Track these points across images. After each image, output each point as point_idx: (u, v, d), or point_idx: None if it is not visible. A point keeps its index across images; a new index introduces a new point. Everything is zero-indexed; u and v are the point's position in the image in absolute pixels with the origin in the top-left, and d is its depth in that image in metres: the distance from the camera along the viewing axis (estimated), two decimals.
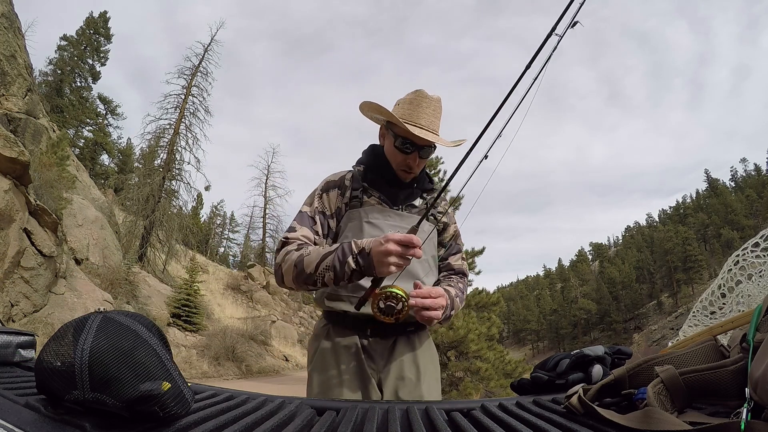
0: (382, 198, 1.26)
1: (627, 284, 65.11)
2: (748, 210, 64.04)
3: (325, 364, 1.16)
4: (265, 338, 14.48)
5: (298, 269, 1.05)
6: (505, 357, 10.47)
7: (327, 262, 1.02)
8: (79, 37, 26.01)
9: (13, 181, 5.40)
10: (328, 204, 1.23)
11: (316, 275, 1.03)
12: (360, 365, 1.13)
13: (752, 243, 1.50)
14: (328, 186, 1.26)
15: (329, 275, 1.02)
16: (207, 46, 18.39)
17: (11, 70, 8.12)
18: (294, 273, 1.06)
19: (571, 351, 0.87)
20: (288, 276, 1.08)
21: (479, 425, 0.59)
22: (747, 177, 74.13)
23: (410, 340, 1.20)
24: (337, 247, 1.04)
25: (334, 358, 1.15)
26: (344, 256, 1.01)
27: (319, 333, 1.23)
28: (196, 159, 17.35)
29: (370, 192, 1.26)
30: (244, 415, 0.59)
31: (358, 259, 1.00)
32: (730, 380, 0.52)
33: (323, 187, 1.26)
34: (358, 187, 1.25)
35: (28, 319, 5.69)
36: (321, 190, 1.25)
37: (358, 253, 1.00)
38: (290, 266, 1.06)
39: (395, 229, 1.17)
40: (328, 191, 1.25)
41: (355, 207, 1.23)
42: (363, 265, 0.99)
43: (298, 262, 1.05)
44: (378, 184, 1.27)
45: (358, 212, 1.22)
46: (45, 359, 0.48)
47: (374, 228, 1.19)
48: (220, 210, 45.32)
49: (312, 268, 1.03)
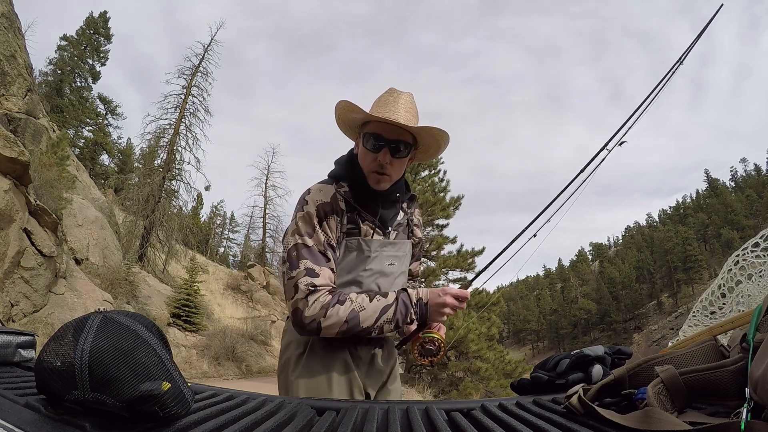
0: (376, 224, 1.15)
1: (627, 284, 65.13)
2: (748, 210, 64.05)
3: (312, 373, 1.11)
4: (265, 338, 14.47)
5: (350, 324, 1.02)
6: (505, 357, 10.48)
7: (388, 316, 1.05)
8: (79, 37, 26.02)
9: (13, 181, 5.40)
10: (331, 234, 1.09)
11: (373, 327, 1.05)
12: (350, 372, 1.12)
13: (752, 243, 1.50)
14: (325, 211, 1.09)
15: (388, 327, 1.06)
16: (207, 46, 18.39)
17: (11, 70, 8.12)
18: (343, 328, 1.02)
19: (571, 351, 0.87)
20: (331, 330, 1.02)
21: (479, 425, 0.59)
22: (747, 177, 74.14)
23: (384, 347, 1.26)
24: (394, 298, 1.07)
25: (323, 366, 1.11)
26: (406, 308, 1.07)
27: (300, 340, 1.14)
28: (196, 159, 17.36)
29: (363, 215, 1.14)
30: (244, 415, 0.59)
31: (416, 311, 1.08)
32: (730, 380, 0.52)
33: (319, 212, 1.08)
34: (352, 210, 1.13)
35: (28, 319, 5.69)
36: (318, 218, 1.08)
37: (416, 303, 1.08)
38: (337, 322, 1.01)
39: (389, 260, 1.17)
40: (327, 218, 1.09)
41: (353, 234, 1.13)
42: (420, 315, 1.08)
43: (351, 318, 1.02)
44: (365, 203, 1.15)
45: (358, 242, 1.13)
46: (45, 359, 0.48)
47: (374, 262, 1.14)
48: (220, 210, 45.34)
49: (370, 322, 1.04)
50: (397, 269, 1.21)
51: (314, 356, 1.13)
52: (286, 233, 1.12)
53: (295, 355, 1.14)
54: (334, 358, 1.12)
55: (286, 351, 1.17)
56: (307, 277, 1.03)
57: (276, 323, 17.05)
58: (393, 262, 1.18)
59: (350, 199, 1.13)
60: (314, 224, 1.08)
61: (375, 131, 1.10)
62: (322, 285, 1.04)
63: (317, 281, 1.03)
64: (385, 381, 1.23)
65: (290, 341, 1.17)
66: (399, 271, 1.22)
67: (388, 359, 1.26)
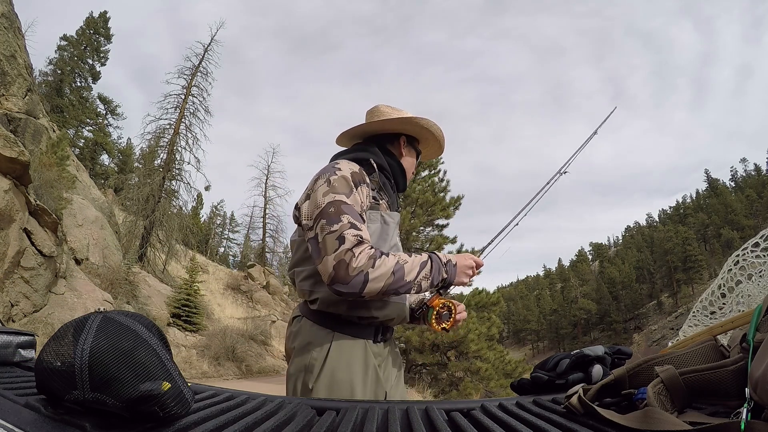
0: (390, 202, 1.26)
1: (627, 284, 65.13)
2: (748, 210, 64.04)
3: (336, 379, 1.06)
4: (265, 338, 14.47)
5: (396, 276, 1.00)
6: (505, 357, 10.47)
7: (425, 272, 1.07)
8: (79, 37, 26.01)
9: (13, 181, 5.39)
10: (365, 200, 1.11)
11: (414, 283, 1.04)
12: (375, 371, 1.10)
13: (752, 243, 1.50)
14: (358, 179, 1.11)
15: (426, 283, 1.08)
16: (207, 46, 18.38)
17: (11, 70, 8.12)
18: (391, 280, 0.99)
19: (571, 351, 0.87)
20: (378, 282, 0.97)
21: (479, 425, 0.59)
22: (747, 177, 74.13)
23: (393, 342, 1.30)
24: (428, 256, 1.11)
25: (347, 367, 1.07)
26: (439, 266, 1.11)
27: (323, 340, 1.09)
28: (196, 159, 17.35)
29: (382, 194, 1.23)
30: (244, 415, 0.59)
31: (447, 269, 1.13)
32: (730, 380, 0.52)
33: (353, 178, 1.10)
34: (375, 188, 1.21)
35: (28, 319, 5.68)
36: (353, 182, 1.09)
37: (446, 263, 1.13)
38: (387, 272, 0.98)
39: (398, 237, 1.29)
40: (360, 185, 1.10)
41: (375, 208, 1.18)
42: (449, 274, 1.13)
43: (397, 270, 1.00)
44: (388, 188, 1.27)
45: (380, 215, 1.18)
46: (45, 359, 0.48)
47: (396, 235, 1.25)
48: (220, 210, 45.36)
49: (413, 276, 1.03)
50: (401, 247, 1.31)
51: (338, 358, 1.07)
52: (314, 196, 1.07)
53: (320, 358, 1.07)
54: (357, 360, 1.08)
55: (306, 353, 1.10)
56: (353, 230, 0.99)
57: (276, 323, 17.04)
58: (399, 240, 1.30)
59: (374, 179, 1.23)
60: (351, 186, 1.08)
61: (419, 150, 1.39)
62: (367, 239, 1.01)
63: (364, 234, 1.01)
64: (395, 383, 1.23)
65: (309, 342, 1.11)
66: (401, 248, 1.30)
67: (396, 360, 1.27)
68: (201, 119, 17.79)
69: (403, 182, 1.32)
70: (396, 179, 1.30)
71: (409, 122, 1.29)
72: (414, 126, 1.31)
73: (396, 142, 1.32)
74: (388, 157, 1.29)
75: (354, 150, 1.27)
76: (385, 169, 1.26)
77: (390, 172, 1.27)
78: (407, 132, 1.33)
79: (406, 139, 1.33)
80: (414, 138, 1.36)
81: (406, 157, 1.33)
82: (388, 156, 1.29)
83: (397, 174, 1.30)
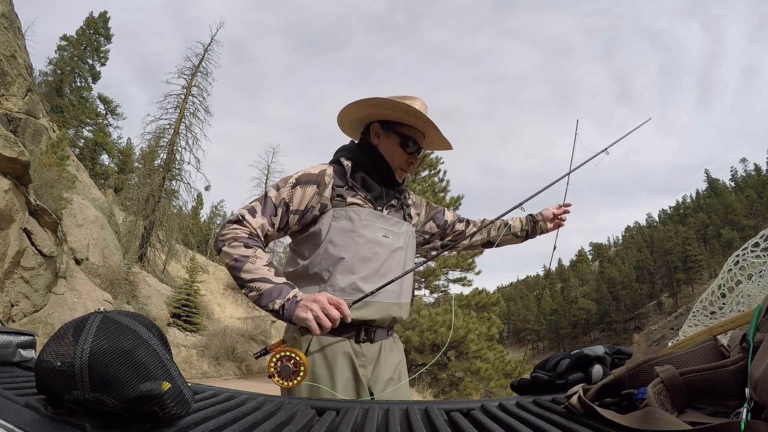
0: (368, 198, 1.23)
1: (627, 284, 65.10)
2: (748, 210, 64.03)
3: (315, 374, 1.10)
4: (265, 338, 14.46)
5: (236, 265, 1.07)
6: (505, 357, 10.46)
7: (260, 285, 1.04)
8: (79, 37, 26.00)
9: (13, 181, 5.39)
10: (298, 199, 1.15)
11: (246, 285, 1.06)
12: (354, 370, 1.12)
13: (752, 243, 1.49)
14: (305, 179, 1.17)
15: (253, 295, 1.05)
16: (207, 46, 18.37)
17: (11, 70, 8.11)
18: (231, 263, 1.08)
19: (571, 351, 0.87)
20: (225, 258, 1.09)
21: (479, 425, 0.59)
22: (747, 177, 74.11)
23: (391, 343, 1.25)
24: (282, 283, 1.05)
25: (326, 364, 1.11)
26: (278, 293, 1.04)
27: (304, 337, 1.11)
28: (196, 159, 17.34)
29: (355, 191, 1.21)
30: (244, 415, 0.59)
31: (284, 305, 1.02)
32: (730, 380, 0.52)
33: (299, 178, 1.17)
34: (341, 185, 1.19)
35: (28, 319, 5.68)
36: (295, 181, 1.17)
37: (292, 297, 1.03)
38: (232, 255, 1.07)
39: (382, 232, 1.21)
40: (303, 185, 1.16)
41: (339, 206, 1.17)
42: (287, 309, 1.02)
43: (240, 260, 1.06)
44: (367, 183, 1.23)
45: (346, 212, 1.17)
46: (45, 359, 0.48)
47: (367, 230, 1.18)
48: (220, 210, 45.31)
49: (246, 277, 1.05)
50: (393, 243, 1.23)
51: (317, 354, 1.11)
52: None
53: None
54: (336, 358, 1.11)
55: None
56: (246, 211, 1.14)
57: (276, 323, 17.03)
58: (387, 235, 1.22)
59: (344, 176, 1.21)
60: (287, 185, 1.17)
61: (413, 135, 1.27)
62: (250, 225, 1.12)
63: (250, 219, 1.12)
64: (392, 380, 1.22)
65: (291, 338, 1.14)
66: (396, 246, 1.23)
67: (395, 358, 1.25)
68: (201, 119, 17.80)
69: (384, 172, 1.26)
70: (379, 172, 1.25)
71: (364, 104, 1.24)
72: (371, 108, 1.25)
73: (369, 130, 1.30)
74: (366, 150, 1.27)
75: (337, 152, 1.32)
76: (360, 165, 1.24)
77: (369, 166, 1.24)
78: (373, 117, 1.29)
79: (379, 125, 1.27)
80: (392, 122, 1.27)
81: (382, 143, 1.27)
82: (366, 149, 1.27)
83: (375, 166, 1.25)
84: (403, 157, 1.27)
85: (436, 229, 1.45)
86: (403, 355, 1.33)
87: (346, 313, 1.00)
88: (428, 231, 1.45)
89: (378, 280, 1.14)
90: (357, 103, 1.25)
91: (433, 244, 1.49)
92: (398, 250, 1.24)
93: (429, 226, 1.45)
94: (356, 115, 1.31)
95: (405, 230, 1.28)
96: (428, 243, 1.48)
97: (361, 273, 1.15)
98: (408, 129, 1.27)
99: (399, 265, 1.23)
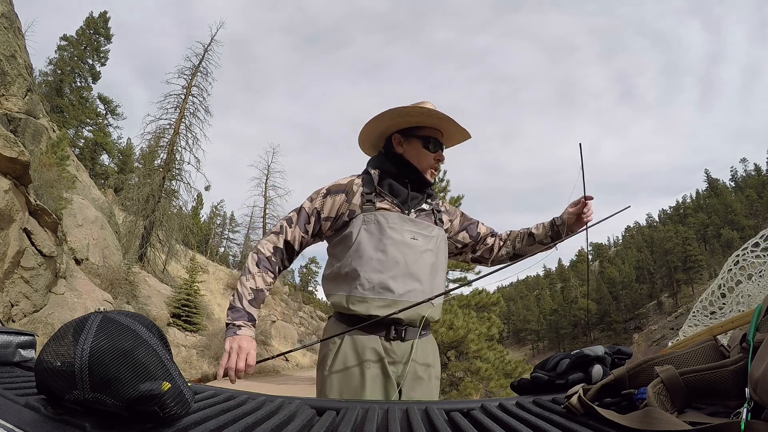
0: (395, 202, 1.30)
1: (627, 284, 65.09)
2: (748, 210, 64.02)
3: (347, 367, 1.17)
4: (265, 338, 14.46)
5: (242, 272, 1.24)
6: (505, 357, 10.46)
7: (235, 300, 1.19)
8: (79, 37, 25.99)
9: (13, 181, 5.39)
10: (329, 207, 1.28)
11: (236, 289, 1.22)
12: (383, 366, 1.16)
13: (752, 243, 1.49)
14: (335, 189, 1.29)
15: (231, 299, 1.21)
16: (207, 46, 18.38)
17: (11, 70, 8.11)
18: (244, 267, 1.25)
19: (571, 351, 0.87)
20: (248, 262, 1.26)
21: (479, 425, 0.59)
22: (747, 177, 74.08)
23: (423, 342, 1.27)
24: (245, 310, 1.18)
25: (357, 361, 1.17)
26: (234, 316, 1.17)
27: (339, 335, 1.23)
28: (196, 159, 17.35)
29: (383, 196, 1.30)
30: (244, 415, 0.59)
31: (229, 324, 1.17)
32: (730, 380, 0.52)
33: (329, 189, 1.30)
34: (370, 191, 1.29)
35: (28, 319, 5.68)
36: (326, 191, 1.29)
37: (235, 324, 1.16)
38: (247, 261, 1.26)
39: (411, 234, 1.27)
40: (333, 194, 1.29)
41: (369, 211, 1.26)
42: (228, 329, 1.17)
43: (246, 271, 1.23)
44: (395, 188, 1.31)
45: (374, 216, 1.25)
46: (45, 359, 0.48)
47: (395, 232, 1.24)
48: (220, 210, 45.30)
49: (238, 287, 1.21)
50: (422, 246, 1.28)
51: (348, 349, 1.18)
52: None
53: (330, 349, 1.21)
54: (366, 353, 1.17)
55: (325, 345, 1.25)
56: (285, 222, 1.30)
57: (276, 323, 17.04)
58: (416, 237, 1.28)
59: (372, 184, 1.31)
60: (319, 195, 1.30)
61: (433, 135, 1.34)
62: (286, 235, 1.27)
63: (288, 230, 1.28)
64: (422, 380, 1.23)
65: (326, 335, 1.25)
66: (425, 248, 1.28)
67: (426, 358, 1.27)
68: (201, 119, 17.82)
69: (415, 176, 1.33)
70: (406, 177, 1.32)
71: (381, 119, 1.33)
72: (387, 120, 1.34)
73: (390, 142, 1.37)
74: (391, 159, 1.35)
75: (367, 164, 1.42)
76: (387, 172, 1.32)
77: (396, 173, 1.32)
78: (392, 129, 1.37)
79: (400, 135, 1.35)
80: (410, 129, 1.35)
81: (407, 150, 1.35)
82: (391, 158, 1.35)
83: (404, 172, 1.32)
84: (429, 157, 1.34)
85: (469, 239, 1.47)
86: (438, 356, 1.35)
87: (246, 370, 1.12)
88: (461, 240, 1.47)
89: (406, 280, 1.21)
90: (374, 120, 1.33)
91: (464, 256, 1.51)
92: (427, 252, 1.28)
93: (462, 236, 1.47)
94: (376, 132, 1.38)
95: (436, 234, 1.33)
96: (460, 254, 1.51)
97: (390, 272, 1.21)
98: (426, 131, 1.34)
99: (428, 266, 1.27)
